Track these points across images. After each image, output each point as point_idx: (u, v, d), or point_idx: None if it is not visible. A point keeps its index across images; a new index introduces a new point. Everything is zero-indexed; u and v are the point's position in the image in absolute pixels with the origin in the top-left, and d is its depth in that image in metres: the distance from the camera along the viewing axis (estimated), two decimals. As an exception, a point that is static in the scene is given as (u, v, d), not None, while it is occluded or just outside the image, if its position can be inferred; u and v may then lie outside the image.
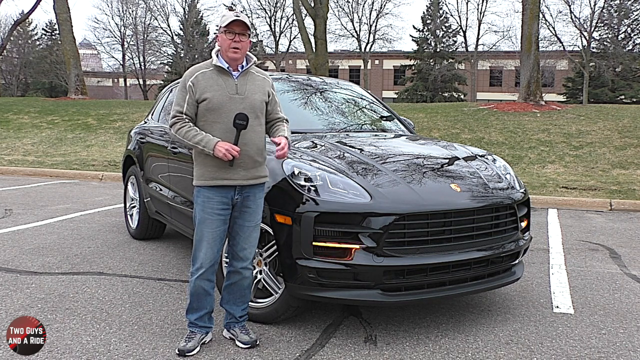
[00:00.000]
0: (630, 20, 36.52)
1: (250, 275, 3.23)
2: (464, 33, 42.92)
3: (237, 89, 3.07)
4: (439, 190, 3.44)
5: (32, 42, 48.07)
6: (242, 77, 3.12)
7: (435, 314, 3.75)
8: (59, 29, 23.02)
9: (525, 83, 16.50)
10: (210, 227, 3.07)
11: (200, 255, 3.10)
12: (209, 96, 3.03)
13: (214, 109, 3.03)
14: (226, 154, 2.94)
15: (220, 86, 3.05)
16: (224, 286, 3.25)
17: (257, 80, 3.17)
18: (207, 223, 3.08)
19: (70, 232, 6.02)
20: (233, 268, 3.19)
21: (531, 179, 10.13)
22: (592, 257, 5.36)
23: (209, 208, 3.07)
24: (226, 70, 3.09)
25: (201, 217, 3.09)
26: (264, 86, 3.18)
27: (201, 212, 3.09)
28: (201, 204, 3.09)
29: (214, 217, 3.07)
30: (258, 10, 43.37)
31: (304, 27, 21.51)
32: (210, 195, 3.07)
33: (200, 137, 3.00)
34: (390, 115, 5.26)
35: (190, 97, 3.06)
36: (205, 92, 3.03)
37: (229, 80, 3.08)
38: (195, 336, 3.15)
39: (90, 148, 14.16)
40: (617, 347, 3.29)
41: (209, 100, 3.03)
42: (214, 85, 3.05)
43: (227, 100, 3.03)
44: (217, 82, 3.06)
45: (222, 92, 3.04)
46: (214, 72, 3.09)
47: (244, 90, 3.08)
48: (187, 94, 3.07)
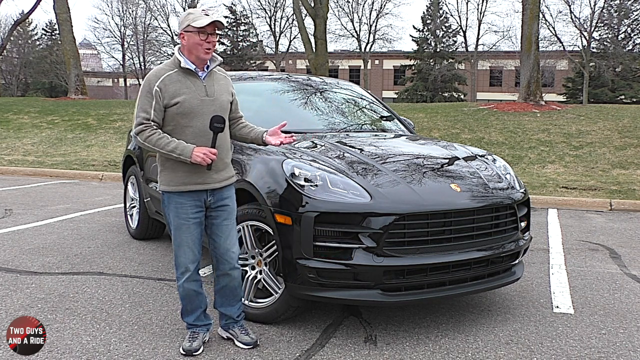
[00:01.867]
0: (630, 20, 36.54)
1: (239, 274, 3.21)
2: (464, 33, 42.98)
3: (207, 91, 2.99)
4: (439, 190, 3.44)
5: (32, 42, 48.09)
6: (208, 77, 3.04)
7: (435, 314, 3.75)
8: (59, 29, 23.02)
9: (525, 83, 16.50)
10: (188, 232, 3.04)
11: (183, 260, 3.07)
12: (179, 100, 2.90)
13: (185, 113, 2.93)
14: (204, 159, 2.89)
15: (189, 89, 2.94)
16: (215, 290, 3.24)
17: (221, 80, 3.11)
18: (183, 229, 3.03)
19: (70, 232, 6.02)
20: (221, 272, 3.16)
21: (531, 179, 10.13)
22: (592, 257, 5.36)
23: (183, 214, 3.02)
24: (193, 72, 2.98)
25: (177, 224, 3.04)
26: (228, 86, 3.13)
27: (176, 219, 3.04)
28: (174, 210, 3.03)
29: (190, 221, 3.03)
30: (258, 10, 43.51)
31: (304, 27, 21.51)
32: (182, 201, 3.01)
33: (174, 145, 2.89)
34: (390, 115, 5.26)
35: (157, 103, 2.90)
36: (175, 97, 2.90)
37: (197, 82, 2.98)
38: (198, 335, 3.15)
39: (90, 148, 14.16)
40: (617, 347, 3.29)
41: (180, 104, 2.91)
42: (183, 88, 2.93)
43: (199, 104, 2.95)
44: (185, 84, 2.94)
45: (193, 95, 2.94)
46: (180, 74, 2.95)
47: (212, 91, 3.01)
48: (153, 99, 2.90)
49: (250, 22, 44.51)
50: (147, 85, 2.94)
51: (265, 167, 3.49)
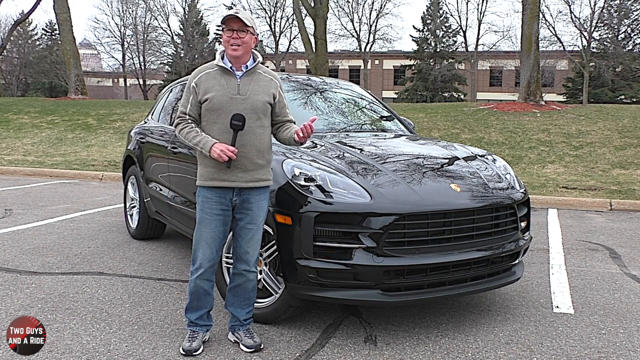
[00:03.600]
0: (630, 20, 36.54)
1: (254, 278, 3.21)
2: (464, 33, 42.95)
3: (239, 89, 3.04)
4: (439, 190, 3.44)
5: (32, 42, 48.09)
6: (246, 77, 3.08)
7: (435, 314, 3.75)
8: (59, 29, 23.03)
9: (525, 83, 16.51)
10: (209, 228, 3.07)
11: (199, 255, 3.09)
12: (209, 96, 3.02)
13: (214, 109, 3.02)
14: (221, 155, 2.92)
15: (222, 86, 3.03)
16: (229, 288, 3.24)
17: (262, 80, 3.12)
18: (205, 223, 3.07)
19: (70, 232, 6.02)
20: (237, 270, 3.18)
21: (531, 179, 10.13)
22: (592, 257, 5.36)
23: (208, 208, 3.06)
24: (229, 71, 3.07)
25: (200, 217, 3.09)
26: (269, 87, 3.12)
27: (200, 212, 3.09)
28: (200, 204, 3.09)
29: (212, 217, 3.06)
30: (258, 10, 43.29)
31: (304, 27, 21.51)
32: (208, 196, 3.06)
33: (199, 139, 3.01)
34: (390, 115, 5.26)
35: (194, 98, 3.07)
36: (207, 93, 3.02)
37: (231, 80, 3.06)
38: (197, 335, 3.15)
39: (90, 148, 14.16)
40: (617, 347, 3.29)
41: (210, 100, 3.02)
42: (216, 85, 3.03)
43: (227, 101, 3.01)
44: (219, 82, 3.04)
45: (223, 92, 3.02)
46: (218, 73, 3.07)
47: (246, 90, 3.05)
48: (190, 94, 3.08)
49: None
50: (188, 81, 3.12)
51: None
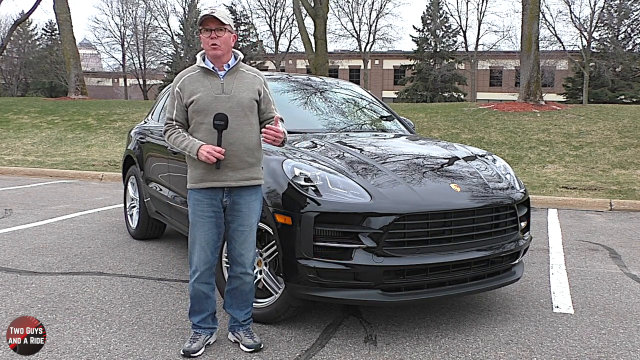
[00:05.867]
0: (630, 20, 36.51)
1: (251, 280, 3.20)
2: (464, 33, 42.94)
3: (223, 88, 3.02)
4: (439, 190, 3.44)
5: (32, 42, 48.04)
6: (229, 76, 3.07)
7: (435, 314, 3.75)
8: (59, 29, 23.02)
9: (525, 83, 16.50)
10: (202, 230, 3.05)
11: (195, 258, 3.08)
12: (195, 98, 3.00)
13: (199, 110, 3.00)
14: (208, 157, 2.91)
15: (206, 87, 3.02)
16: (226, 290, 3.24)
17: (246, 78, 3.11)
18: (198, 226, 3.06)
19: (70, 232, 6.02)
20: (233, 273, 3.17)
21: (531, 179, 10.13)
22: (592, 257, 5.36)
23: (199, 211, 3.05)
24: (212, 71, 3.05)
25: (192, 220, 3.08)
26: (254, 84, 3.11)
27: (192, 215, 3.07)
28: (192, 207, 3.07)
29: (205, 219, 3.05)
30: (258, 10, 43.50)
31: (304, 27, 21.50)
32: (199, 198, 3.05)
33: (187, 143, 2.99)
34: (390, 115, 5.26)
35: (179, 103, 3.05)
36: (193, 95, 3.01)
37: (214, 80, 3.04)
38: (200, 337, 3.14)
39: (90, 148, 14.16)
40: (617, 347, 3.29)
41: (195, 102, 3.00)
42: (200, 87, 3.02)
43: (212, 101, 2.99)
44: (203, 83, 3.03)
45: (208, 92, 3.00)
46: (200, 74, 3.05)
47: (230, 89, 3.03)
48: (175, 99, 3.06)
49: (250, 22, 44.52)
50: (172, 87, 3.11)
51: (266, 167, 3.48)
